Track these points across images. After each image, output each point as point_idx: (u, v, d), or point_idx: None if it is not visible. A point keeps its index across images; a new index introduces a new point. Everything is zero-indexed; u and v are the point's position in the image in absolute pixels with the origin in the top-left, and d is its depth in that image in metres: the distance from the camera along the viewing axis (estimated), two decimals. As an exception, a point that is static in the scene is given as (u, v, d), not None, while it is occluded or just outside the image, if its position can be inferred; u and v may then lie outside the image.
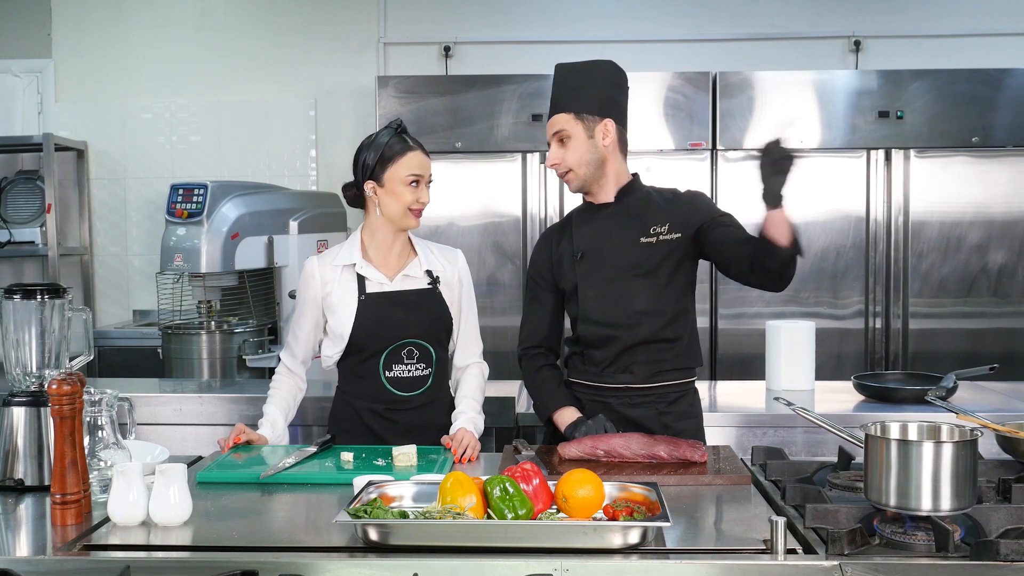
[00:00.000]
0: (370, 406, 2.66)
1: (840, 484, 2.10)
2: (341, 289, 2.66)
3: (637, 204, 2.62)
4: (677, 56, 5.32)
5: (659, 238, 2.57)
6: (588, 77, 2.58)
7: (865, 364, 4.74)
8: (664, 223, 2.58)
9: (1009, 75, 4.70)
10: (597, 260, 2.61)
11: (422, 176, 2.62)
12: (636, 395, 2.58)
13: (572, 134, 2.55)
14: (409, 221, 2.64)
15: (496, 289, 4.76)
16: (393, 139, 2.61)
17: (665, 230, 2.58)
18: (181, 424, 3.35)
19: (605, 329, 2.58)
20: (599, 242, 2.62)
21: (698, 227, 2.56)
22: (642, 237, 2.58)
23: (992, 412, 2.90)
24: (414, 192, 2.60)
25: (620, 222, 2.61)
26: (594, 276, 2.60)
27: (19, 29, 5.58)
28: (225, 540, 1.85)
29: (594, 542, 1.74)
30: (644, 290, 2.57)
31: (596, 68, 2.61)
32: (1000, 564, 1.65)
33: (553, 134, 2.59)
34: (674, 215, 2.59)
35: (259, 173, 5.49)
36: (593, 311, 2.59)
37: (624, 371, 2.59)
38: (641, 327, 2.56)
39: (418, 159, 2.62)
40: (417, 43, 5.49)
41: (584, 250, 2.62)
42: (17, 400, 2.21)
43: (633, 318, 2.56)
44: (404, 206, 2.61)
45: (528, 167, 4.76)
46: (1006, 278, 4.72)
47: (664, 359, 2.59)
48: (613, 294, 2.58)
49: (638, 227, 2.59)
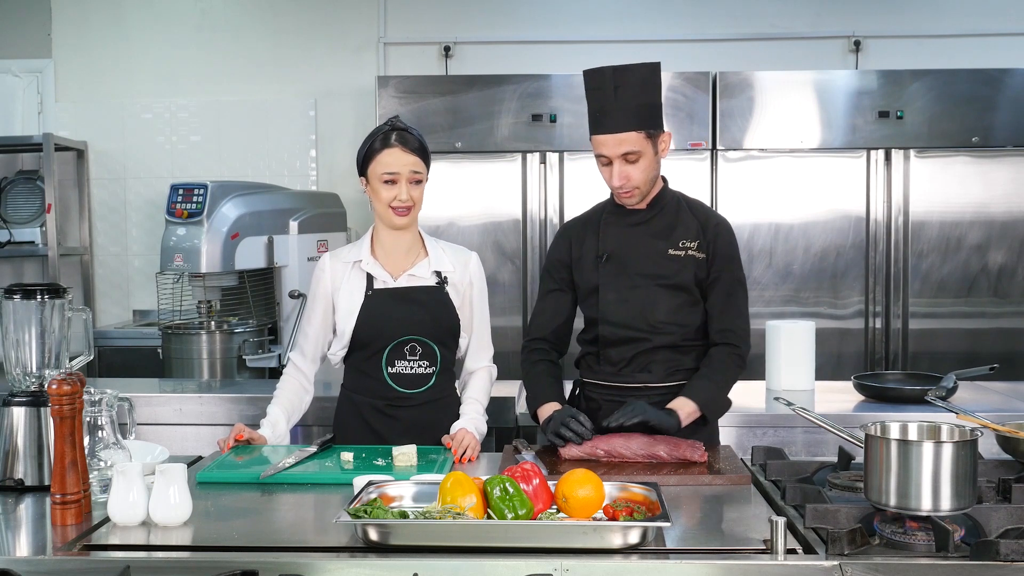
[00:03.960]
0: (372, 403, 2.66)
1: (840, 484, 2.10)
2: (349, 285, 2.66)
3: (668, 214, 2.60)
4: (677, 56, 5.31)
5: (687, 252, 2.56)
6: (650, 85, 2.49)
7: (865, 364, 4.74)
8: (694, 240, 2.57)
9: (1009, 75, 4.70)
10: (621, 265, 2.59)
11: (397, 174, 2.57)
12: (654, 394, 2.57)
13: (644, 153, 2.48)
14: (392, 219, 2.61)
15: (496, 289, 4.74)
16: (379, 136, 2.60)
17: (694, 247, 2.56)
18: (181, 424, 3.35)
19: (626, 331, 2.57)
20: (626, 247, 2.59)
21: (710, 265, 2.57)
22: (670, 249, 2.56)
23: (992, 412, 2.90)
24: (390, 190, 2.58)
25: (650, 230, 2.58)
26: (617, 281, 2.58)
27: (19, 29, 5.57)
28: (225, 540, 1.85)
29: (594, 542, 1.74)
30: (667, 300, 2.56)
31: (654, 73, 2.50)
32: (1000, 564, 1.65)
33: (622, 153, 2.47)
34: (703, 235, 2.58)
35: (259, 173, 5.49)
36: (613, 314, 2.58)
37: (642, 370, 2.59)
38: (661, 335, 2.56)
39: (394, 157, 2.57)
40: (417, 43, 5.49)
41: (609, 253, 2.59)
42: (17, 400, 2.21)
43: (654, 327, 2.56)
44: (384, 204, 2.60)
45: (528, 167, 4.76)
46: (1006, 278, 4.72)
47: (682, 360, 2.59)
48: (635, 301, 2.56)
49: (667, 238, 2.57)
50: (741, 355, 2.59)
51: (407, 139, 2.60)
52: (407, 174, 2.58)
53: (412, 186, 2.60)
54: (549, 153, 4.75)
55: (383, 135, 2.60)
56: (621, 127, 2.46)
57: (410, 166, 2.59)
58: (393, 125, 2.62)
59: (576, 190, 4.70)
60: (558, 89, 4.72)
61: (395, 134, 2.59)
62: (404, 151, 2.58)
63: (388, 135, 2.60)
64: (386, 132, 2.60)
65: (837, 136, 4.71)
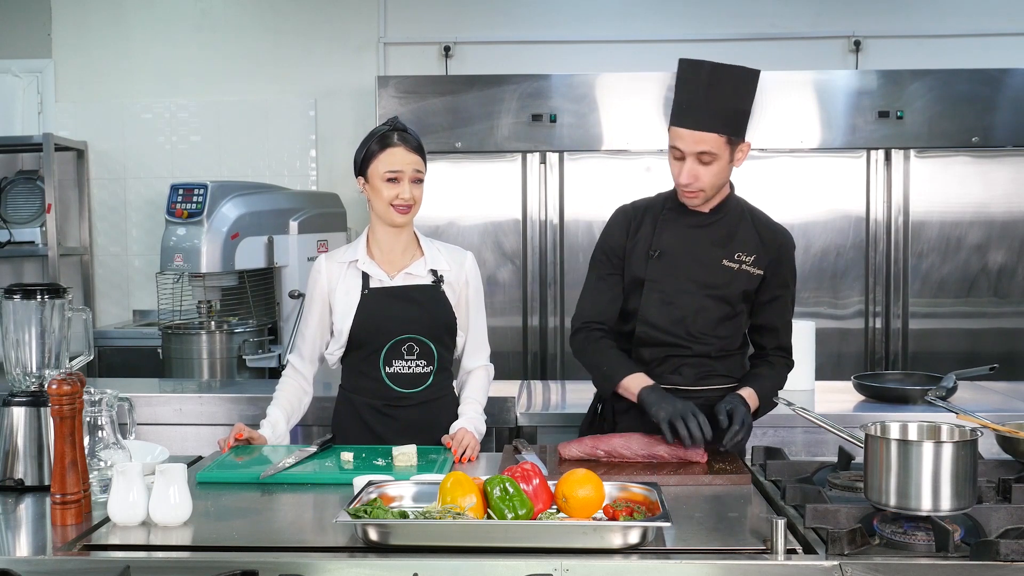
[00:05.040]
0: (370, 403, 2.66)
1: (840, 484, 2.10)
2: (345, 285, 2.67)
3: (730, 222, 2.53)
4: (677, 56, 5.26)
5: (741, 266, 2.50)
6: (744, 90, 2.42)
7: (865, 364, 4.74)
8: (752, 253, 2.51)
9: (1009, 75, 4.70)
10: (672, 267, 2.53)
11: (401, 172, 2.58)
12: (683, 397, 2.54)
13: (719, 157, 2.41)
14: (393, 217, 2.62)
15: (496, 289, 4.75)
16: (378, 136, 2.62)
17: (750, 261, 2.51)
18: (181, 424, 3.35)
19: (663, 335, 2.54)
20: (680, 248, 2.53)
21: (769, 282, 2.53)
22: (725, 259, 2.51)
23: (992, 412, 2.90)
24: (393, 188, 2.59)
25: (708, 235, 2.52)
26: (664, 281, 2.53)
27: (19, 29, 5.57)
28: (225, 540, 1.85)
29: (594, 542, 1.74)
30: (711, 311, 2.52)
31: (751, 81, 2.43)
32: (1000, 564, 1.65)
33: (697, 152, 2.40)
34: (764, 251, 2.52)
35: (259, 173, 5.49)
36: (654, 316, 2.54)
37: (673, 372, 2.57)
38: (699, 344, 2.54)
39: (397, 155, 2.59)
40: (417, 43, 5.49)
41: (662, 250, 2.53)
42: (17, 400, 2.21)
43: (693, 336, 2.53)
44: (385, 202, 2.60)
45: (528, 167, 4.76)
46: (1006, 278, 4.72)
47: (715, 367, 2.58)
48: (679, 306, 2.52)
49: (724, 247, 2.51)
50: (790, 370, 2.64)
51: (408, 139, 2.62)
52: (410, 172, 2.60)
53: (414, 184, 2.61)
54: (549, 153, 4.75)
55: (384, 135, 2.62)
56: (704, 126, 2.39)
57: (412, 164, 2.61)
58: (393, 125, 2.64)
59: (576, 190, 4.70)
60: (558, 89, 4.72)
61: (396, 134, 2.62)
62: (406, 150, 2.60)
63: (390, 135, 2.61)
64: (387, 132, 2.62)
65: (837, 136, 4.70)
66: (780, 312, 2.58)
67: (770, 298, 2.56)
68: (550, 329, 4.75)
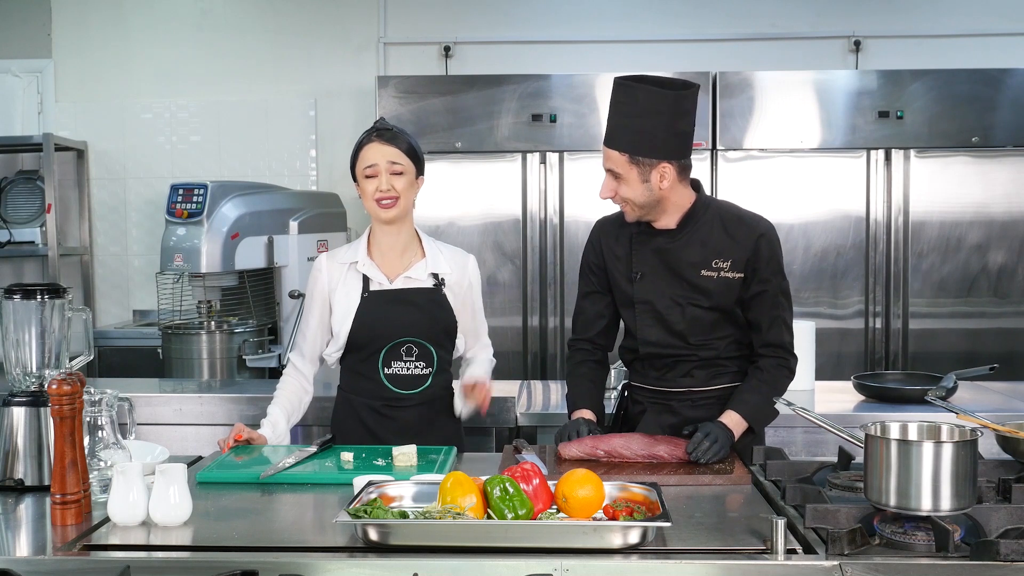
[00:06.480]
0: (369, 403, 2.66)
1: (840, 484, 2.10)
2: (345, 287, 2.67)
3: (701, 233, 2.50)
4: (677, 56, 5.32)
5: (720, 273, 2.49)
6: (652, 109, 2.36)
7: (865, 364, 4.74)
8: (727, 259, 2.49)
9: (1009, 75, 4.70)
10: (655, 286, 2.53)
11: (376, 166, 2.58)
12: (697, 397, 2.58)
13: (625, 177, 2.41)
14: (380, 212, 2.61)
15: (496, 289, 4.75)
16: (360, 138, 2.64)
17: (727, 267, 2.49)
18: (181, 424, 3.35)
19: (663, 349, 2.56)
20: (659, 269, 2.53)
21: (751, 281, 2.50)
22: (703, 270, 2.50)
23: (992, 412, 2.90)
24: (372, 183, 2.60)
25: (681, 250, 2.51)
26: (651, 300, 2.54)
27: (19, 29, 5.57)
28: (225, 540, 1.85)
29: (594, 542, 1.74)
30: (705, 320, 2.52)
31: (663, 100, 2.36)
32: (1000, 564, 1.65)
33: (607, 168, 2.43)
34: (738, 250, 2.49)
35: (259, 173, 5.49)
36: (651, 335, 2.56)
37: (684, 376, 2.58)
38: (702, 350, 2.55)
39: (371, 151, 2.59)
40: (417, 43, 5.49)
41: (643, 272, 2.54)
42: (17, 400, 2.21)
43: (692, 345, 2.54)
44: (370, 198, 2.61)
45: (528, 167, 4.76)
46: (1006, 278, 4.72)
47: (726, 365, 2.58)
48: (673, 321, 2.53)
49: (700, 258, 2.49)
50: (790, 368, 2.56)
51: (384, 134, 2.62)
52: (385, 164, 2.59)
53: (393, 177, 2.59)
54: (549, 153, 4.75)
55: (363, 136, 2.65)
56: (607, 142, 2.43)
57: (388, 156, 2.59)
58: (374, 125, 2.66)
59: (576, 190, 4.70)
60: (558, 89, 4.73)
61: (374, 132, 2.63)
62: (381, 143, 2.60)
63: (368, 134, 2.64)
64: (367, 132, 2.65)
65: (837, 136, 4.70)
66: (764, 307, 2.53)
67: (752, 294, 2.52)
68: (550, 329, 4.76)
